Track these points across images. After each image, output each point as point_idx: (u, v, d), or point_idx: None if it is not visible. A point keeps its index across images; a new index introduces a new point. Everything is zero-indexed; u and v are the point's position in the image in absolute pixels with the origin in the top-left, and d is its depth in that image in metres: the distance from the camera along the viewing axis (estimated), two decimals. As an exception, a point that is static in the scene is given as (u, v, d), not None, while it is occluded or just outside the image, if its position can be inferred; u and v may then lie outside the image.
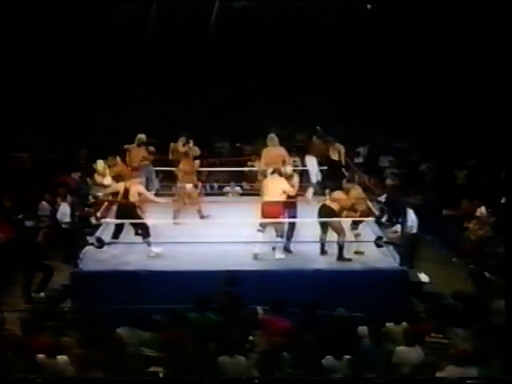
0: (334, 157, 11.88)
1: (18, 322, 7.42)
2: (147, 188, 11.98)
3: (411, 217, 10.29)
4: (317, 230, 9.95)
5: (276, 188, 9.78)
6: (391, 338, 7.16)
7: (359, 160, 15.80)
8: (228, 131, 16.63)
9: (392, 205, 10.77)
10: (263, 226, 9.84)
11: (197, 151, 12.38)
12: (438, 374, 6.10)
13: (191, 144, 12.22)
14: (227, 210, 11.53)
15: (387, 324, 7.41)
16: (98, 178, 11.47)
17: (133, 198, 9.96)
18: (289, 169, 10.31)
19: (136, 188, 10.03)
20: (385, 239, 10.10)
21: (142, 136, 12.14)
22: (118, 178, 10.97)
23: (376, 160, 16.01)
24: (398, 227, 10.01)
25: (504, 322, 6.26)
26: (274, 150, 11.20)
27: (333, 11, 15.82)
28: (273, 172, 10.19)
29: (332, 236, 9.80)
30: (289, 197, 9.89)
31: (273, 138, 11.35)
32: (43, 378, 6.12)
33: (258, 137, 13.99)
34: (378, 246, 9.97)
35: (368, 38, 15.76)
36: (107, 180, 11.23)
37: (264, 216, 9.77)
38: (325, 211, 9.80)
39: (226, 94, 16.47)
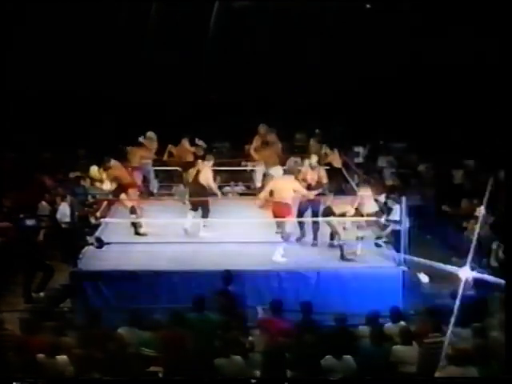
0: (333, 160, 12.10)
1: (18, 322, 7.42)
2: (145, 188, 12.06)
3: (399, 212, 10.34)
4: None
5: (287, 187, 9.81)
6: (390, 337, 7.17)
7: (359, 160, 15.82)
8: (228, 131, 16.62)
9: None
10: (280, 227, 9.89)
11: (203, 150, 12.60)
12: (437, 374, 6.10)
13: (201, 142, 12.50)
14: (227, 210, 11.54)
15: (386, 324, 7.41)
16: (97, 184, 11.53)
17: (203, 180, 10.51)
18: (314, 160, 10.48)
19: (206, 172, 10.59)
20: (384, 239, 10.12)
21: (150, 134, 12.21)
22: (115, 180, 10.95)
23: (375, 160, 16.01)
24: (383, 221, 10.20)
25: (504, 321, 6.26)
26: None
27: (333, 11, 15.81)
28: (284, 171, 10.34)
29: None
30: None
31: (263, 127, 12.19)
32: (43, 378, 6.13)
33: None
34: (378, 246, 9.98)
35: (368, 38, 15.75)
36: (106, 185, 11.26)
37: (274, 215, 9.82)
38: (325, 211, 9.91)
39: (225, 94, 16.45)
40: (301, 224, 10.33)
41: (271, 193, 10.02)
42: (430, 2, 15.21)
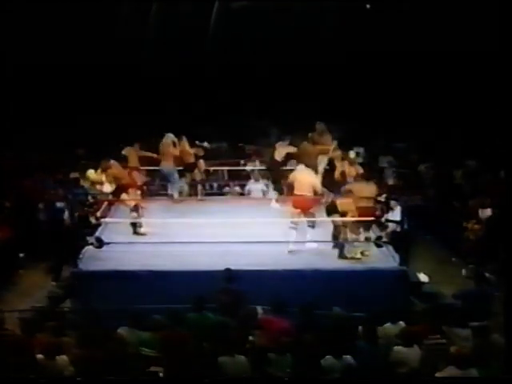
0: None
1: (18, 322, 7.41)
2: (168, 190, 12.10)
3: (400, 212, 10.35)
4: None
5: (307, 182, 9.93)
6: (389, 337, 7.15)
7: (359, 160, 15.80)
8: (228, 131, 16.63)
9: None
10: (295, 222, 9.91)
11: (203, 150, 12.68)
12: (437, 375, 6.10)
13: (205, 143, 12.59)
14: (227, 210, 11.55)
15: (386, 324, 7.40)
16: (97, 186, 11.55)
17: (277, 156, 11.70)
18: (352, 156, 11.10)
19: (280, 150, 11.74)
20: (384, 239, 10.11)
21: (169, 136, 12.17)
22: (115, 180, 10.96)
23: (376, 160, 16.01)
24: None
25: (504, 321, 6.25)
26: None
27: (333, 11, 15.82)
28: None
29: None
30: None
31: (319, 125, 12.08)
32: (43, 378, 6.12)
33: (257, 136, 14.03)
34: (378, 246, 9.98)
35: (368, 38, 15.75)
36: (106, 187, 11.27)
37: (296, 207, 9.90)
38: (329, 209, 9.93)
39: (225, 93, 16.45)
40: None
41: (291, 186, 10.06)
42: (430, 1, 15.21)
